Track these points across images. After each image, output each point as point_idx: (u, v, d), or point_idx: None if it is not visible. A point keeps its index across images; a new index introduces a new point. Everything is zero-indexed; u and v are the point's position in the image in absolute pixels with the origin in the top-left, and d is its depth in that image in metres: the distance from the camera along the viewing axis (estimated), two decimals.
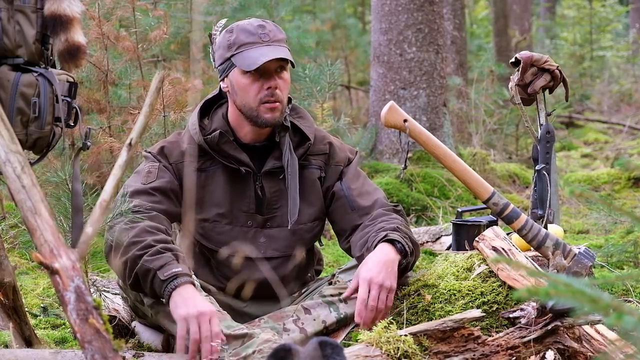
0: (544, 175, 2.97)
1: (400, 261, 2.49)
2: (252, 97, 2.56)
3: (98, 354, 1.55)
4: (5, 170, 1.74)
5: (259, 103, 2.55)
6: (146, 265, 2.34)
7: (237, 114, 2.62)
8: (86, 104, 4.23)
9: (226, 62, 2.59)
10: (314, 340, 2.01)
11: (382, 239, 2.51)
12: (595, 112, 10.52)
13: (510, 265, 2.45)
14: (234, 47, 2.56)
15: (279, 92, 2.56)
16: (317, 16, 9.20)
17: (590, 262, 2.52)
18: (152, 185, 2.55)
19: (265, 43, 2.54)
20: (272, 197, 2.65)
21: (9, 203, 3.98)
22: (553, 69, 3.00)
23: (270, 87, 2.54)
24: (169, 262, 2.33)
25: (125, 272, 2.40)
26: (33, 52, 2.29)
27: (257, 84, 2.55)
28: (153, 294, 2.39)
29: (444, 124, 5.53)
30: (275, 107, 2.56)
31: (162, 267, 2.32)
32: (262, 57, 2.51)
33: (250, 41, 2.55)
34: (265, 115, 2.56)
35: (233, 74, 2.58)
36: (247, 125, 2.62)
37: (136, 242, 2.38)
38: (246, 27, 2.57)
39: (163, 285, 2.30)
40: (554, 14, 15.25)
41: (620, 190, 5.59)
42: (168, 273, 2.31)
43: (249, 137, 2.65)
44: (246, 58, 2.53)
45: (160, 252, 2.36)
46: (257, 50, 2.53)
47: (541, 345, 2.23)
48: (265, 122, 2.57)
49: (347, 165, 2.74)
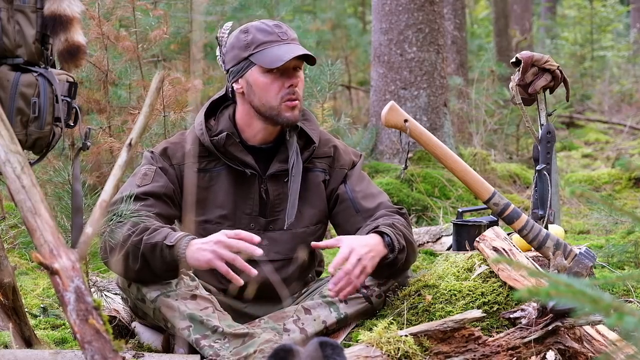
0: (544, 175, 2.96)
1: (386, 255, 2.49)
2: (273, 96, 2.56)
3: (98, 355, 1.55)
4: (5, 170, 1.73)
5: (281, 101, 2.56)
6: (149, 242, 2.39)
7: (250, 115, 2.62)
8: (86, 104, 4.23)
9: (242, 62, 2.58)
10: (314, 341, 2.01)
11: (373, 229, 2.51)
12: (596, 112, 10.52)
13: (510, 266, 2.45)
14: (253, 47, 2.56)
15: (298, 90, 2.57)
16: (317, 16, 9.20)
17: (591, 263, 2.52)
18: (144, 190, 2.56)
19: (284, 41, 2.56)
20: (276, 200, 2.64)
21: (9, 203, 3.98)
22: (554, 69, 2.99)
23: (291, 85, 2.55)
24: (169, 232, 2.41)
25: (130, 260, 2.41)
26: (33, 52, 2.29)
27: (279, 82, 2.55)
28: (165, 267, 2.40)
29: (445, 124, 5.53)
30: (295, 105, 2.57)
31: (165, 237, 2.39)
32: (287, 54, 2.51)
33: (269, 40, 2.55)
34: (287, 114, 2.57)
35: (251, 73, 2.57)
36: (259, 125, 2.62)
37: (132, 233, 2.42)
38: (263, 27, 2.58)
39: (174, 250, 2.36)
40: (555, 14, 15.26)
41: (621, 191, 5.59)
42: (174, 239, 2.38)
43: (258, 137, 2.64)
44: (268, 56, 2.53)
45: (156, 229, 2.43)
46: (279, 48, 2.54)
47: (542, 346, 2.23)
48: (287, 120, 2.58)
49: (352, 168, 2.74)
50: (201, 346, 2.37)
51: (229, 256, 2.30)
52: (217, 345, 2.35)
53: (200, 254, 2.33)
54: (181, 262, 2.37)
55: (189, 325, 2.40)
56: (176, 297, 2.44)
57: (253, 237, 2.33)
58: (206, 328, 2.38)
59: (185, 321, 2.40)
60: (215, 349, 2.35)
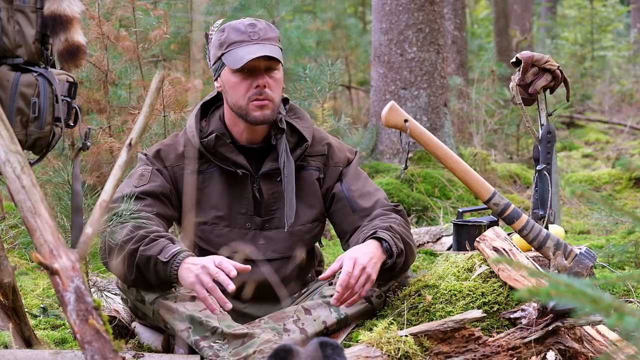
0: (545, 175, 2.96)
1: (385, 260, 2.49)
2: (241, 96, 2.56)
3: (98, 355, 1.54)
4: (5, 170, 1.73)
5: (248, 101, 2.56)
6: (145, 254, 2.39)
7: (231, 114, 2.62)
8: (86, 104, 4.23)
9: (218, 61, 2.60)
10: (314, 341, 2.00)
11: (371, 235, 2.50)
12: (597, 112, 10.52)
13: (511, 266, 2.45)
14: (224, 46, 2.57)
15: (268, 90, 2.55)
16: (317, 16, 9.20)
17: (592, 263, 2.51)
18: (142, 189, 2.57)
19: (253, 41, 2.55)
20: (270, 199, 2.64)
21: (9, 203, 3.98)
22: (554, 69, 2.99)
23: (258, 86, 2.54)
24: (165, 245, 2.40)
25: (125, 268, 2.41)
26: (33, 52, 2.29)
27: (246, 83, 2.55)
28: (158, 281, 2.41)
29: (445, 124, 5.53)
30: (264, 104, 2.55)
31: (161, 252, 2.38)
32: (248, 55, 2.51)
33: (239, 40, 2.55)
34: (255, 113, 2.56)
35: (224, 73, 2.58)
36: (241, 125, 2.62)
37: (129, 239, 2.42)
38: (237, 26, 2.58)
39: (167, 267, 2.36)
40: (555, 14, 15.25)
41: (622, 191, 5.58)
42: (168, 254, 2.37)
43: (244, 137, 2.64)
44: (234, 56, 2.54)
45: (154, 239, 2.42)
46: (244, 48, 2.53)
47: (542, 346, 2.22)
48: (255, 119, 2.57)
49: (347, 165, 2.73)
50: (201, 347, 2.36)
51: (209, 285, 2.31)
52: (217, 345, 2.35)
53: (186, 275, 2.35)
54: (173, 279, 2.39)
55: (189, 327, 2.40)
56: (175, 299, 2.44)
57: (231, 271, 2.31)
58: (205, 329, 2.38)
59: (184, 322, 2.40)
60: (214, 349, 2.34)
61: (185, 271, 2.35)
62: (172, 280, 2.39)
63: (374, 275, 2.44)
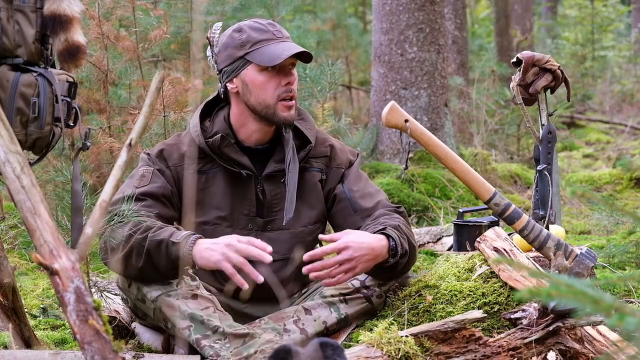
0: (545, 175, 2.96)
1: (387, 259, 2.48)
2: (270, 94, 2.56)
3: (98, 355, 1.54)
4: (5, 170, 1.73)
5: (277, 100, 2.56)
6: (155, 239, 2.39)
7: (245, 115, 2.61)
8: (86, 104, 4.23)
9: (237, 61, 2.57)
10: (314, 341, 2.00)
11: (380, 230, 2.50)
12: (597, 112, 10.51)
13: (511, 266, 2.44)
14: (248, 45, 2.55)
15: (294, 88, 2.57)
16: (317, 16, 9.20)
17: (592, 263, 2.51)
18: (143, 190, 2.56)
19: (280, 39, 2.56)
20: (273, 200, 2.64)
21: (9, 203, 3.98)
22: (555, 69, 2.99)
23: (288, 83, 2.55)
24: (174, 231, 2.42)
25: (132, 259, 2.41)
26: (32, 52, 2.29)
27: (275, 81, 2.55)
28: (169, 264, 2.39)
29: (445, 124, 5.53)
30: (292, 104, 2.58)
31: (172, 235, 2.39)
32: (285, 52, 2.51)
33: (264, 38, 2.55)
34: (283, 113, 2.57)
35: (247, 72, 2.57)
36: (254, 126, 2.61)
37: (135, 231, 2.42)
38: (257, 26, 2.58)
39: (180, 246, 2.36)
40: (556, 14, 15.26)
41: (622, 191, 5.58)
42: (180, 236, 2.38)
43: (253, 138, 2.64)
44: (266, 54, 2.53)
45: (161, 227, 2.44)
46: (275, 46, 2.54)
47: (543, 347, 2.22)
48: (284, 120, 2.58)
49: (349, 167, 2.74)
50: (202, 346, 2.36)
51: (239, 260, 2.31)
52: (218, 345, 2.35)
53: (209, 254, 2.34)
54: (186, 260, 2.37)
55: (190, 325, 2.39)
56: (177, 297, 2.43)
57: (266, 246, 2.33)
58: (207, 328, 2.38)
59: (185, 321, 2.40)
60: (215, 349, 2.34)
61: (205, 251, 2.34)
62: (186, 261, 2.37)
63: (359, 269, 2.43)
